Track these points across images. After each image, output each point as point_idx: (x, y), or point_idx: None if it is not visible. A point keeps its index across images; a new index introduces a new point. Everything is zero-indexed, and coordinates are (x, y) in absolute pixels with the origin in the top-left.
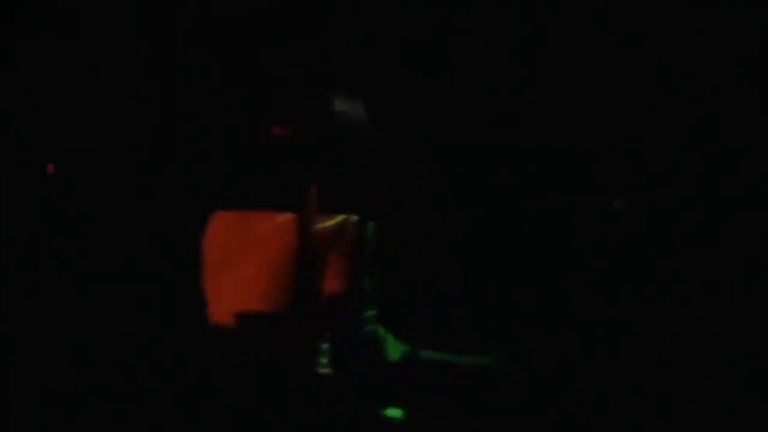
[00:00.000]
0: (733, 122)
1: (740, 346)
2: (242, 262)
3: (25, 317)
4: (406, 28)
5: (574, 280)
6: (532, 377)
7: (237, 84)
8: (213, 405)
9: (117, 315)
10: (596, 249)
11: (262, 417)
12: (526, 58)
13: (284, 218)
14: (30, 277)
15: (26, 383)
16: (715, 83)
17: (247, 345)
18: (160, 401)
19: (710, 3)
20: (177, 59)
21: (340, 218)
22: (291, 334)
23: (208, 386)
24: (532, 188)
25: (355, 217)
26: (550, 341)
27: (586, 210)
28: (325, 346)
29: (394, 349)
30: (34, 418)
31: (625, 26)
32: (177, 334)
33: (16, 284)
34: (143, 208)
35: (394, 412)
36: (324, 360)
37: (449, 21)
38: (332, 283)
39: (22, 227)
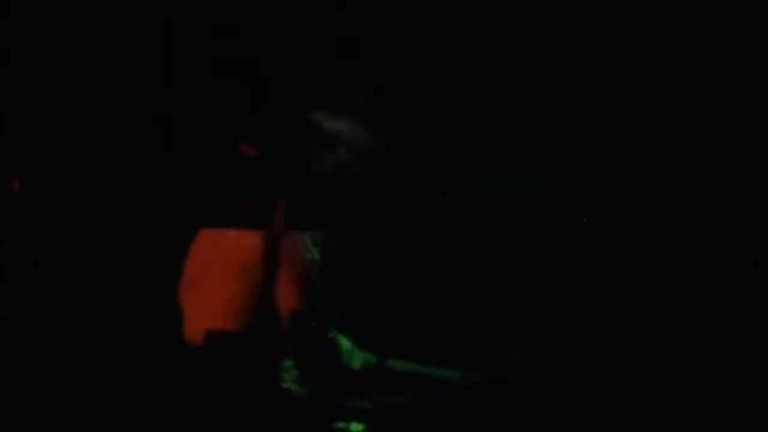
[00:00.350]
0: (733, 122)
1: (740, 346)
2: (211, 279)
3: (25, 317)
4: (402, 31)
5: (574, 280)
6: (531, 377)
7: (241, 85)
8: (210, 406)
9: (117, 315)
10: (596, 249)
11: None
12: (525, 57)
13: (252, 235)
14: (30, 277)
15: (26, 383)
16: (715, 83)
17: (214, 362)
18: (159, 402)
19: (710, 3)
20: (177, 59)
21: (297, 233)
22: (257, 351)
23: (208, 388)
24: (532, 188)
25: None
26: (550, 341)
27: (586, 210)
28: (289, 362)
29: (356, 358)
30: (34, 418)
31: (625, 26)
32: (176, 336)
33: (16, 284)
34: (142, 208)
35: (356, 427)
36: (289, 376)
37: (449, 21)
38: (290, 297)
39: (22, 227)
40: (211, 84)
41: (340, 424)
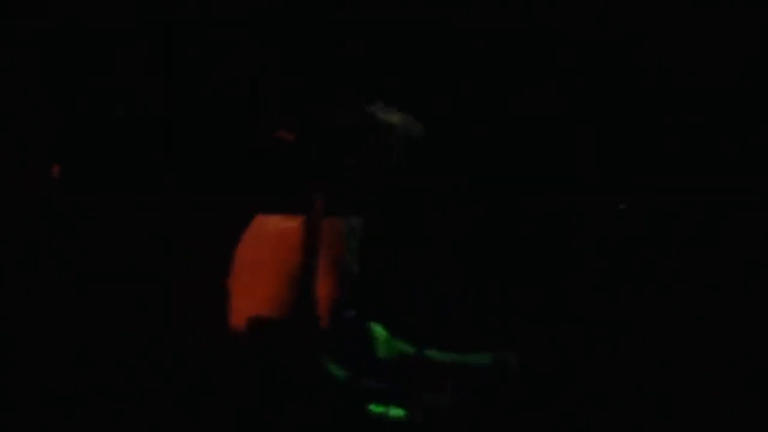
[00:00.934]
0: (733, 122)
1: (740, 346)
2: (255, 267)
3: (25, 317)
4: (408, 28)
5: (574, 280)
6: (532, 376)
7: (241, 85)
8: (212, 407)
9: (117, 315)
10: (596, 249)
11: (266, 420)
12: (525, 57)
13: (292, 221)
14: (30, 277)
15: (26, 383)
16: (715, 83)
17: (256, 350)
18: (160, 401)
19: (710, 3)
20: (177, 59)
21: (336, 220)
22: (298, 338)
23: (208, 388)
24: (532, 188)
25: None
26: (551, 341)
27: (586, 210)
28: (328, 349)
29: (391, 348)
30: (34, 418)
31: (625, 26)
32: (177, 335)
33: (16, 284)
34: (142, 208)
35: (396, 412)
36: (330, 363)
37: (449, 21)
38: (328, 285)
39: (22, 227)
40: (211, 84)
41: (381, 410)
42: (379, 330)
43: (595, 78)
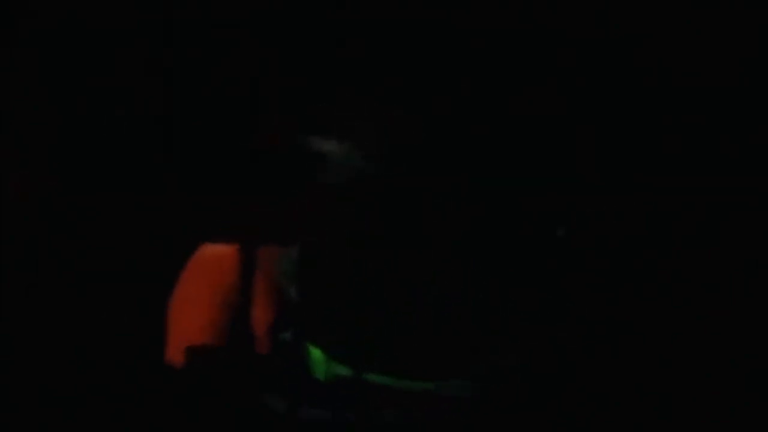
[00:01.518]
0: (733, 122)
1: (740, 346)
2: (191, 295)
3: (25, 317)
4: (408, 28)
5: (574, 280)
6: (532, 376)
7: (241, 85)
8: (193, 413)
9: (117, 315)
10: (596, 249)
11: None
12: (525, 57)
13: (227, 250)
14: (30, 277)
15: (26, 383)
16: (715, 83)
17: (194, 379)
18: (160, 402)
19: (710, 3)
20: (177, 59)
21: (273, 247)
22: (235, 367)
23: (208, 391)
24: (532, 188)
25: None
26: (551, 341)
27: (586, 210)
28: (266, 376)
29: (327, 370)
30: (34, 418)
31: (625, 26)
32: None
33: (16, 284)
34: (142, 208)
35: None
36: (268, 391)
37: (449, 21)
38: (265, 311)
39: (22, 227)
40: (211, 84)
41: None
42: (316, 353)
43: (595, 78)
